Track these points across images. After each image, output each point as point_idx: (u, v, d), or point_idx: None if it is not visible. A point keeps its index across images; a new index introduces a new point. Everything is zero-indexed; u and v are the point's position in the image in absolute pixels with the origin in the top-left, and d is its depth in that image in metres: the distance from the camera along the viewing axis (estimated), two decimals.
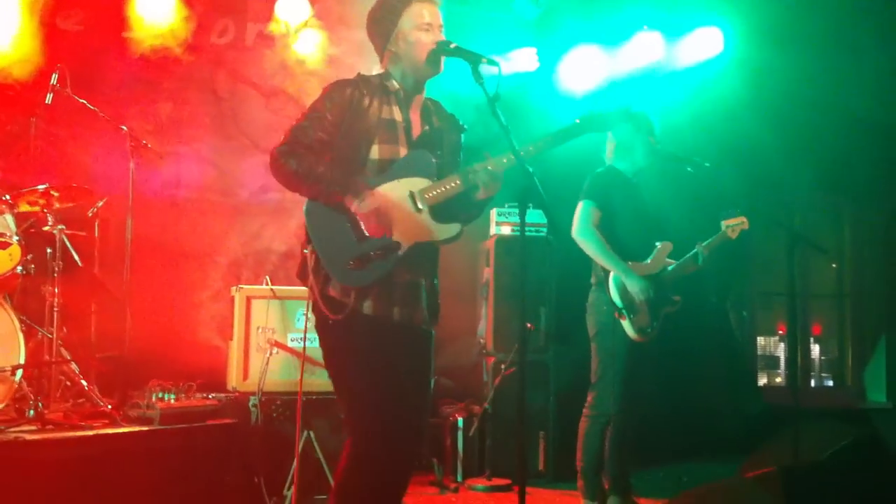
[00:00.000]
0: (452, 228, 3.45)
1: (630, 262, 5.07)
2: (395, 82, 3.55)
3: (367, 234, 3.33)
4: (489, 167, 3.39)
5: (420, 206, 3.41)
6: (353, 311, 3.33)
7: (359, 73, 3.58)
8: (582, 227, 5.10)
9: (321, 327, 3.44)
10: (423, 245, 3.44)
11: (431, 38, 3.47)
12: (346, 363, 3.42)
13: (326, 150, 3.42)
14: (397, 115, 3.53)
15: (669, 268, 5.18)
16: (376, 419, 3.36)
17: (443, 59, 3.50)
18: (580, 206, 5.14)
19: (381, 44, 3.57)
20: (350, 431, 3.42)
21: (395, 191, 3.41)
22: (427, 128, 3.59)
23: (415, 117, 3.59)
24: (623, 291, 5.01)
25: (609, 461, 5.11)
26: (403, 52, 3.51)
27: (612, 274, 5.04)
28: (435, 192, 3.43)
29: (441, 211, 3.45)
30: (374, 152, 3.44)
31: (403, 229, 3.38)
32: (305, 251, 3.42)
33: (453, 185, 3.43)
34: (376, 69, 3.63)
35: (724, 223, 5.21)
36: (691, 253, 5.19)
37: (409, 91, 3.57)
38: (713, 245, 5.20)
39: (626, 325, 5.00)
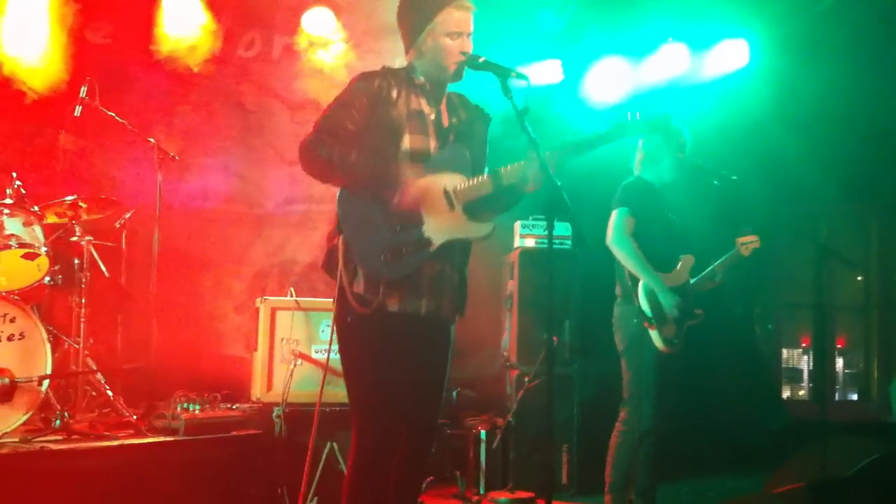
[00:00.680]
0: (486, 227, 3.43)
1: (660, 274, 5.04)
2: (420, 76, 3.54)
3: (398, 229, 3.33)
4: (537, 160, 3.31)
5: (455, 203, 3.41)
6: (379, 308, 3.33)
7: (384, 66, 3.56)
8: (618, 236, 5.04)
9: (339, 321, 3.42)
10: (460, 241, 3.44)
11: (458, 47, 3.46)
12: (360, 356, 3.41)
13: (354, 141, 3.40)
14: (425, 107, 3.52)
15: (691, 281, 5.15)
16: (385, 411, 3.36)
17: (464, 68, 3.50)
18: (615, 213, 5.08)
19: (410, 39, 3.55)
20: (355, 427, 3.43)
21: (432, 186, 3.41)
22: (455, 120, 3.59)
23: (442, 110, 3.58)
24: (653, 301, 4.97)
25: (639, 475, 5.07)
26: (429, 52, 3.50)
27: (641, 283, 5.01)
28: (469, 188, 3.41)
29: (476, 208, 3.43)
30: (406, 142, 3.43)
31: (437, 226, 3.38)
32: (336, 241, 3.40)
33: (486, 180, 3.41)
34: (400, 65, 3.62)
35: (737, 241, 5.18)
36: (708, 270, 5.16)
37: (433, 86, 3.56)
38: (727, 263, 5.16)
39: (653, 335, 4.96)
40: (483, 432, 6.35)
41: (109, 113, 5.90)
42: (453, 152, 3.49)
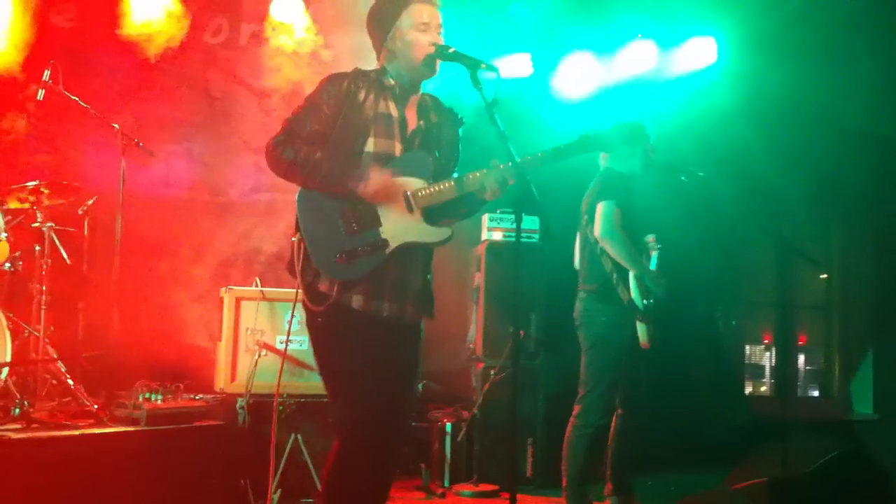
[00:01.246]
0: (443, 232, 3.44)
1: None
2: (391, 79, 3.54)
3: (356, 229, 3.34)
4: (501, 168, 3.35)
5: (413, 206, 3.41)
6: (337, 304, 3.34)
7: (356, 68, 3.57)
8: (609, 228, 5.02)
9: (310, 321, 3.45)
10: (416, 244, 3.44)
11: (428, 39, 3.46)
12: (331, 355, 3.44)
13: (322, 142, 3.41)
14: (393, 110, 3.52)
15: (652, 266, 5.17)
16: (360, 411, 3.36)
17: (438, 62, 3.49)
18: (602, 206, 5.05)
19: (379, 40, 3.57)
20: (338, 423, 3.43)
21: (393, 188, 3.41)
22: (423, 123, 3.58)
23: (410, 114, 3.58)
24: (644, 293, 4.98)
25: (612, 461, 5.12)
26: (400, 50, 3.51)
27: (631, 276, 5.01)
28: (429, 193, 3.42)
29: (434, 213, 3.45)
30: (370, 145, 3.42)
31: (394, 228, 3.39)
32: (294, 240, 3.42)
33: (451, 186, 3.42)
34: (372, 67, 3.62)
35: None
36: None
37: (404, 88, 3.56)
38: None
39: (642, 328, 4.97)
40: (448, 425, 6.34)
41: (73, 97, 5.81)
42: (416, 157, 3.49)
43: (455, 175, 3.51)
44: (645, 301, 4.97)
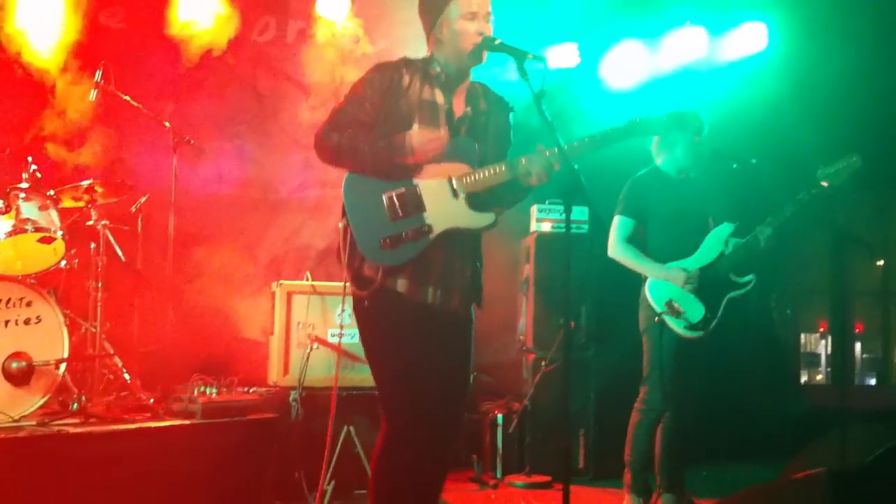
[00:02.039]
0: (486, 218, 3.45)
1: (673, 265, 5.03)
2: (437, 67, 3.55)
3: (400, 215, 3.36)
4: (547, 154, 3.36)
5: (457, 191, 3.42)
6: (383, 288, 3.36)
7: (403, 56, 3.59)
8: (615, 245, 5.17)
9: (356, 306, 3.47)
10: (460, 230, 3.45)
11: (476, 28, 3.46)
12: (377, 341, 3.47)
13: (367, 131, 3.44)
14: (439, 97, 3.53)
15: (727, 252, 5.10)
16: (407, 399, 3.38)
17: (485, 52, 3.49)
18: (614, 222, 5.19)
19: (428, 28, 3.58)
20: (383, 413, 3.45)
21: (436, 173, 3.43)
22: (469, 110, 3.59)
23: (458, 101, 3.58)
24: (660, 294, 4.98)
25: (661, 458, 5.07)
26: (447, 39, 3.51)
27: (648, 280, 5.02)
28: (474, 179, 3.43)
29: (479, 199, 3.45)
30: (415, 132, 3.43)
31: (438, 213, 3.40)
32: (340, 225, 3.45)
33: (495, 172, 3.42)
34: (422, 56, 3.63)
35: (822, 171, 5.11)
36: (749, 237, 5.08)
37: (451, 76, 3.57)
38: (803, 200, 5.09)
39: (673, 325, 4.95)
40: (499, 417, 6.35)
41: (125, 97, 5.90)
42: (462, 143, 3.51)
43: (506, 161, 3.49)
44: (667, 299, 4.95)
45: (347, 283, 3.47)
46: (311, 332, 5.69)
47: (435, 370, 3.40)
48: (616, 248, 5.17)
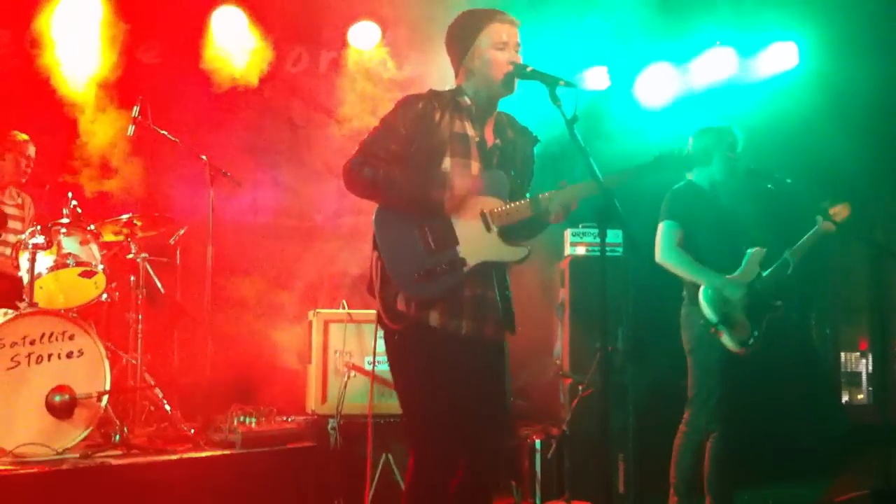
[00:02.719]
0: (520, 251, 3.46)
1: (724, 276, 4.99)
2: (467, 98, 3.56)
3: (434, 248, 3.37)
4: (566, 194, 3.39)
5: (492, 226, 3.43)
6: (416, 322, 3.36)
7: (430, 89, 3.61)
8: (666, 250, 5.03)
9: (387, 339, 3.47)
10: (494, 263, 3.46)
11: (506, 58, 3.48)
12: (409, 375, 3.46)
13: (399, 163, 3.44)
14: (469, 129, 3.54)
15: (764, 273, 5.06)
16: (437, 433, 3.37)
17: (516, 80, 3.51)
18: (661, 227, 5.07)
19: (458, 59, 3.60)
20: (410, 447, 3.45)
21: (469, 207, 3.44)
22: (499, 142, 3.60)
23: (487, 132, 3.60)
24: (717, 305, 4.89)
25: (709, 480, 5.00)
26: (478, 69, 3.52)
27: (702, 289, 4.95)
28: (506, 212, 3.45)
29: (511, 231, 3.47)
30: (447, 164, 3.45)
31: (472, 247, 3.41)
32: (373, 258, 3.46)
33: (525, 205, 3.44)
34: (449, 87, 3.66)
35: (820, 217, 5.07)
36: (781, 260, 5.06)
37: (481, 107, 3.58)
38: (805, 245, 5.07)
39: (725, 339, 4.89)
40: (538, 442, 6.31)
41: (161, 132, 5.99)
42: (494, 175, 3.52)
43: (529, 195, 3.51)
44: (722, 311, 4.88)
45: (377, 313, 3.46)
46: (348, 359, 5.72)
47: (471, 401, 3.40)
48: (668, 253, 5.02)
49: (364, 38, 7.25)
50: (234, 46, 6.97)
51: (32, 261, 5.13)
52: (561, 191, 3.41)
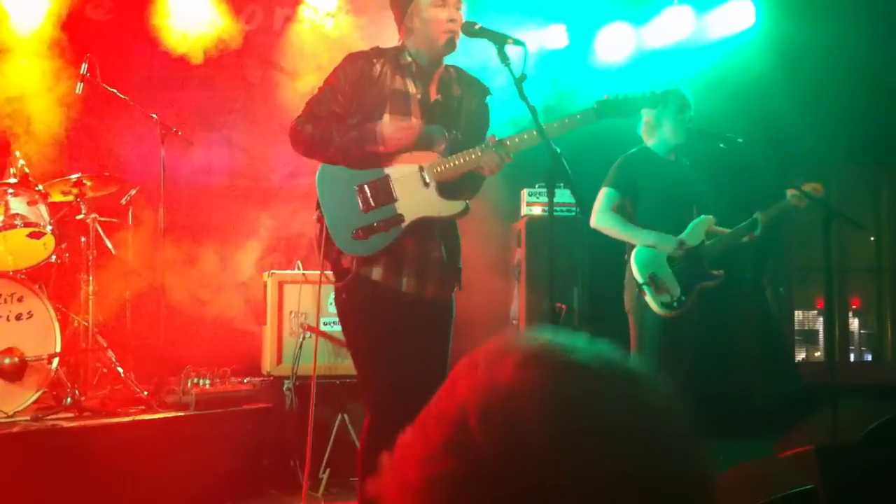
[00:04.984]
0: (458, 205, 3.49)
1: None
2: (408, 56, 3.56)
3: (372, 205, 3.39)
4: (498, 149, 3.40)
5: (428, 180, 3.44)
6: (358, 278, 3.39)
7: (375, 46, 3.61)
8: (599, 214, 5.09)
9: (337, 297, 3.53)
10: (432, 219, 3.46)
11: (446, 16, 3.46)
12: (355, 331, 3.51)
13: (340, 122, 3.47)
14: (410, 86, 3.54)
15: (707, 242, 5.09)
16: (386, 388, 3.41)
17: (456, 38, 3.49)
18: (601, 193, 5.12)
19: (399, 17, 3.59)
20: (366, 403, 3.52)
21: (406, 162, 3.45)
22: (440, 97, 3.59)
23: (431, 89, 3.59)
24: (645, 266, 4.95)
25: None
26: (417, 27, 3.52)
27: (634, 249, 4.99)
28: (444, 168, 3.45)
29: (449, 186, 3.48)
30: (385, 121, 3.45)
31: (409, 203, 3.44)
32: (314, 217, 3.52)
33: (463, 161, 3.44)
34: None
35: (789, 191, 5.12)
36: (748, 221, 5.10)
37: (422, 64, 3.57)
38: (772, 214, 5.12)
39: (649, 300, 4.94)
40: None
41: (111, 89, 5.88)
42: (433, 131, 3.52)
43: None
44: (649, 272, 4.93)
45: (324, 273, 3.53)
46: (303, 321, 5.70)
47: (412, 358, 3.43)
48: (600, 217, 5.08)
49: None
50: (187, 2, 6.85)
51: None
52: (498, 142, 3.41)
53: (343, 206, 3.42)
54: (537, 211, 6.73)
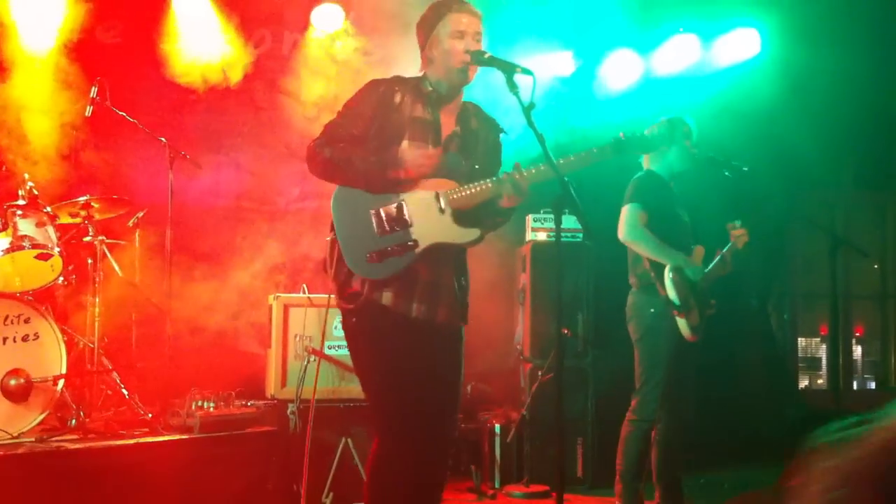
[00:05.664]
0: (472, 233, 3.49)
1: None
2: (429, 85, 3.60)
3: (387, 229, 3.40)
4: (517, 177, 3.42)
5: (443, 207, 3.45)
6: (368, 302, 3.39)
7: (395, 75, 3.66)
8: (631, 229, 5.01)
9: (345, 321, 3.54)
10: (445, 245, 3.48)
11: (463, 46, 3.51)
12: (364, 354, 3.51)
13: (359, 146, 3.49)
14: (429, 115, 3.58)
15: (705, 270, 5.11)
16: (395, 412, 3.42)
17: (473, 69, 3.54)
18: (626, 209, 5.06)
19: (421, 46, 3.65)
20: (375, 426, 3.51)
21: (423, 190, 3.47)
22: (459, 129, 3.63)
23: (448, 119, 3.63)
24: (679, 288, 4.92)
25: (658, 468, 5.04)
26: (437, 57, 3.56)
27: (667, 271, 4.96)
28: (460, 196, 3.47)
29: (464, 215, 3.49)
30: (404, 147, 3.47)
31: (424, 229, 3.44)
32: (328, 238, 3.51)
33: (480, 189, 3.46)
34: (413, 72, 3.69)
35: (730, 232, 5.15)
36: (717, 259, 5.12)
37: (443, 94, 3.60)
38: (730, 252, 5.14)
39: (682, 323, 4.90)
40: (497, 426, 6.35)
41: (120, 112, 5.91)
42: (451, 159, 3.55)
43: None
44: (683, 294, 4.91)
45: (333, 296, 3.53)
46: (308, 344, 5.70)
47: (422, 384, 3.43)
48: (632, 232, 5.00)
49: (327, 20, 7.21)
50: (196, 27, 6.91)
51: None
52: (516, 173, 3.43)
53: (358, 229, 3.42)
54: (542, 236, 6.76)
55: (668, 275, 4.92)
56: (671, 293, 4.91)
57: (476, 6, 3.62)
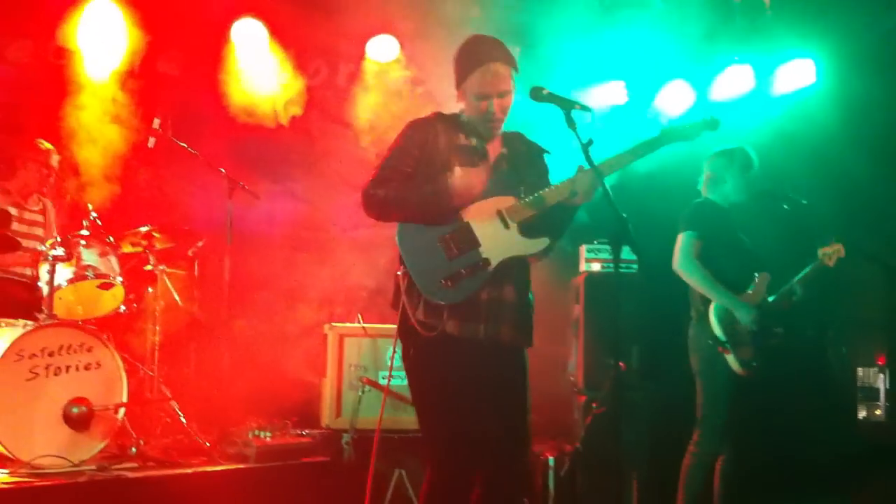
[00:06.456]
0: (542, 242, 3.52)
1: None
2: (466, 119, 3.66)
3: (456, 253, 3.43)
4: (589, 171, 3.44)
5: (508, 222, 3.48)
6: (434, 334, 3.41)
7: (436, 112, 3.72)
8: (683, 259, 5.00)
9: (404, 353, 3.54)
10: (512, 261, 3.49)
11: (486, 107, 3.56)
12: (424, 389, 3.52)
13: (411, 181, 3.54)
14: (474, 141, 3.63)
15: (770, 299, 5.05)
16: (454, 447, 3.42)
17: (499, 127, 3.62)
18: (680, 237, 5.05)
19: (457, 84, 3.67)
20: (429, 460, 3.50)
21: (484, 209, 3.50)
22: (506, 151, 3.68)
23: (493, 144, 3.68)
24: (726, 324, 4.88)
25: (720, 502, 4.98)
26: (468, 103, 3.62)
27: (712, 306, 4.93)
28: (522, 206, 3.51)
29: (530, 226, 3.52)
30: (458, 174, 3.49)
31: (492, 246, 3.47)
32: (398, 273, 3.51)
33: (544, 196, 3.49)
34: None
35: (820, 251, 5.09)
36: (786, 287, 5.06)
37: (481, 129, 3.66)
38: (809, 277, 5.07)
39: (729, 359, 4.87)
40: (551, 459, 6.31)
41: (181, 144, 6.02)
42: (505, 176, 3.60)
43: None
44: (730, 330, 4.86)
45: (389, 325, 3.54)
46: (362, 374, 5.74)
47: (489, 413, 3.43)
48: (685, 263, 5.00)
49: (382, 51, 7.30)
50: (254, 58, 7.03)
51: (52, 272, 5.15)
52: (580, 174, 3.46)
53: (427, 258, 3.44)
54: (596, 267, 6.73)
55: (712, 310, 4.89)
56: (716, 329, 4.89)
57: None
